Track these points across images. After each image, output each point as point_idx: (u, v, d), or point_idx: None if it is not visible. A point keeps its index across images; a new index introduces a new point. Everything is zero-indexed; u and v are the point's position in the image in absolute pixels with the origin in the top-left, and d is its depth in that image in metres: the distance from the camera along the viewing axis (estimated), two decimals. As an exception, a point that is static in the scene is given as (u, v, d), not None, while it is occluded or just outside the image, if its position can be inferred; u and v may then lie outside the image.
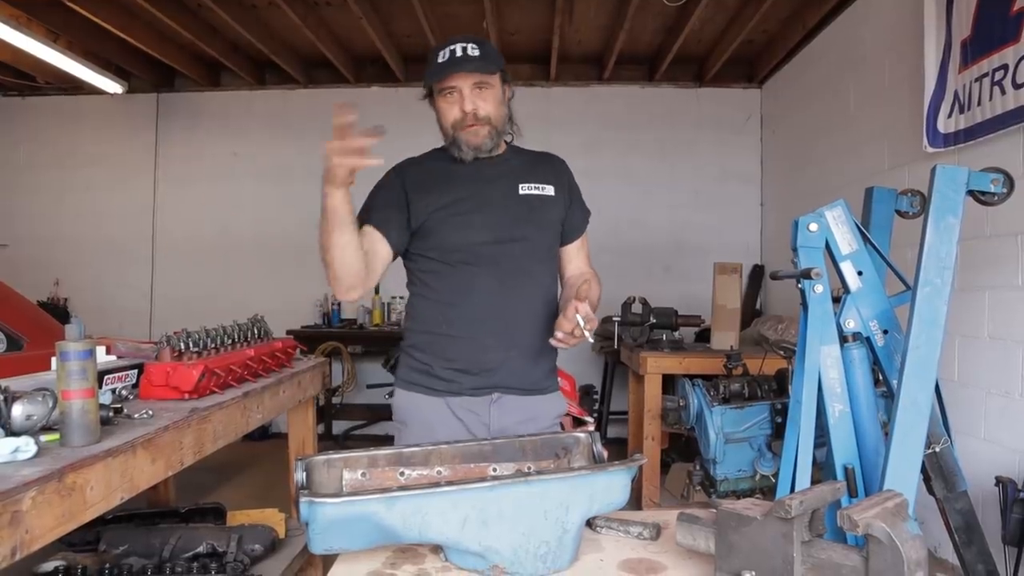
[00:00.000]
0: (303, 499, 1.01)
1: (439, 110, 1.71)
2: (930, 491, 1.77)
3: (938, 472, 1.74)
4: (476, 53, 1.63)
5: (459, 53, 1.62)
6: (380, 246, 1.70)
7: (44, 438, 1.25)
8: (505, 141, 1.78)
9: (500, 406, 1.71)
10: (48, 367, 1.57)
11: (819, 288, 1.61)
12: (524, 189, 1.75)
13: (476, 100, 1.65)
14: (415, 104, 1.80)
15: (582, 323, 1.47)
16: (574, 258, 1.86)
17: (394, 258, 1.75)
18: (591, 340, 1.50)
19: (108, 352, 1.86)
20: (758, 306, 5.53)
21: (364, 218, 1.71)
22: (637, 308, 3.91)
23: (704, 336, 4.46)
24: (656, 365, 3.65)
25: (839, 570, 0.90)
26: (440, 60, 1.64)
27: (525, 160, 1.82)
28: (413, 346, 1.77)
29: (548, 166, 1.84)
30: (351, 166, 1.43)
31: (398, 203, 1.71)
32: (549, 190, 1.77)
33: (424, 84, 1.73)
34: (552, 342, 1.55)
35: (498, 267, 1.70)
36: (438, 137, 1.77)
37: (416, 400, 1.74)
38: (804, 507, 0.92)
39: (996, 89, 2.69)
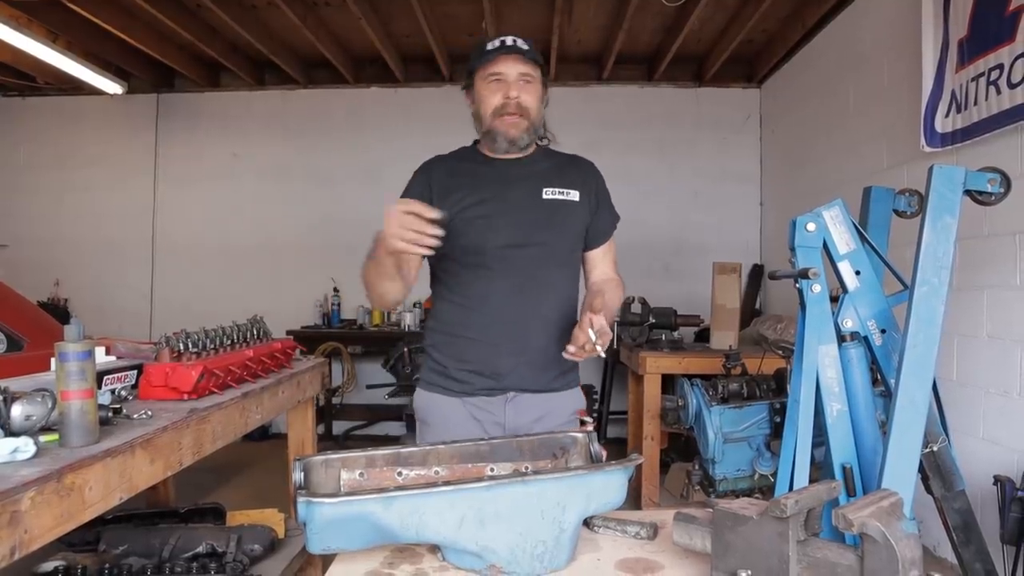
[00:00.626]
0: (301, 499, 1.01)
1: (480, 97, 1.72)
2: (928, 490, 1.77)
3: (936, 471, 1.74)
4: (525, 47, 1.69)
5: (509, 43, 1.68)
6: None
7: (43, 438, 1.25)
8: (537, 143, 1.79)
9: (515, 405, 1.72)
10: (48, 367, 1.58)
11: (817, 288, 1.61)
12: (548, 193, 1.74)
13: (520, 91, 1.68)
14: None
15: (594, 337, 1.46)
16: (599, 263, 1.84)
17: (424, 257, 1.77)
18: (603, 355, 1.50)
19: (107, 353, 1.86)
20: (757, 306, 5.53)
21: None
22: (636, 308, 3.91)
23: (703, 336, 4.47)
24: (655, 365, 3.66)
25: (834, 569, 0.90)
26: (489, 48, 1.68)
27: (554, 163, 1.81)
28: (433, 346, 1.80)
29: (576, 170, 1.82)
30: (403, 249, 1.42)
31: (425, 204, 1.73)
32: (574, 195, 1.76)
33: (467, 72, 1.75)
34: (564, 355, 1.55)
35: (514, 271, 1.70)
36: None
37: (436, 400, 1.76)
38: (799, 506, 0.92)
39: (992, 89, 2.70)
